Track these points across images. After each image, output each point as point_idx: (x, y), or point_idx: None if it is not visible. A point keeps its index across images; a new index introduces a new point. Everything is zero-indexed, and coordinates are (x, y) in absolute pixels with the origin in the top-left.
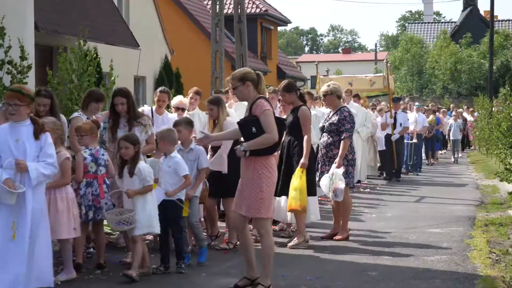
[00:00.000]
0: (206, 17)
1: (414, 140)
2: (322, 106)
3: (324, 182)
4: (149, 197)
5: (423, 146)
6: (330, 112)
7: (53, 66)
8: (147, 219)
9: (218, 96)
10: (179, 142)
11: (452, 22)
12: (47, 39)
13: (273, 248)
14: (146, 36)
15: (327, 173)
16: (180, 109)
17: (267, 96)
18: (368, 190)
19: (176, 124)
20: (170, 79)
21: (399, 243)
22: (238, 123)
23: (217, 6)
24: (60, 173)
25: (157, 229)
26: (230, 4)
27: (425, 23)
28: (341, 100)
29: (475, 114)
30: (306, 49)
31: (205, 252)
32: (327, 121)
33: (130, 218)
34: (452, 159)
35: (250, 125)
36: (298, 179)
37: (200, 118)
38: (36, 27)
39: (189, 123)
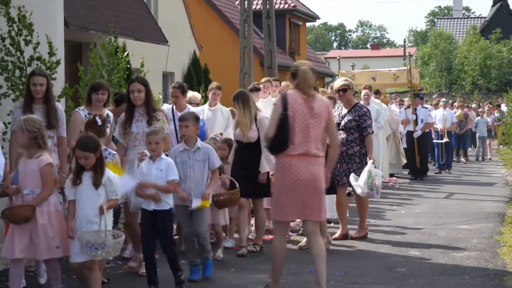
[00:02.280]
0: (235, 13)
1: (445, 139)
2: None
3: (361, 180)
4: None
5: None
6: (341, 108)
7: (82, 62)
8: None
9: (239, 91)
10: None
11: (481, 17)
12: (76, 36)
13: (278, 250)
14: (175, 32)
15: (348, 171)
16: (194, 104)
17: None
18: (397, 186)
19: (183, 118)
20: (198, 75)
21: (428, 239)
22: None
23: (246, 2)
24: (41, 183)
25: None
26: (258, 0)
27: (455, 18)
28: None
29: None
30: (335, 44)
31: (210, 264)
32: (343, 118)
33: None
34: (478, 157)
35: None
36: None
37: (222, 113)
38: (66, 23)
39: (197, 119)
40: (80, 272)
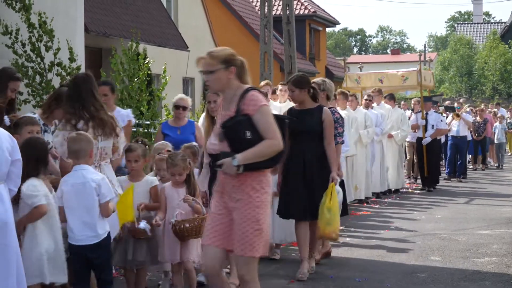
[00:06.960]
0: (255, 18)
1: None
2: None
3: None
4: (40, 228)
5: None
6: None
7: (102, 68)
8: (37, 263)
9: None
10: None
11: (502, 22)
12: (96, 41)
13: None
14: (195, 37)
15: None
16: (181, 107)
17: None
18: (418, 191)
19: (23, 123)
20: None
21: (449, 244)
22: (221, 126)
23: (266, 8)
24: None
25: (48, 278)
26: (278, 5)
27: (475, 23)
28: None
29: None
30: (355, 50)
31: None
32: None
33: None
34: (496, 164)
35: (242, 128)
36: (329, 197)
37: None
38: (86, 29)
39: (34, 124)
40: None
